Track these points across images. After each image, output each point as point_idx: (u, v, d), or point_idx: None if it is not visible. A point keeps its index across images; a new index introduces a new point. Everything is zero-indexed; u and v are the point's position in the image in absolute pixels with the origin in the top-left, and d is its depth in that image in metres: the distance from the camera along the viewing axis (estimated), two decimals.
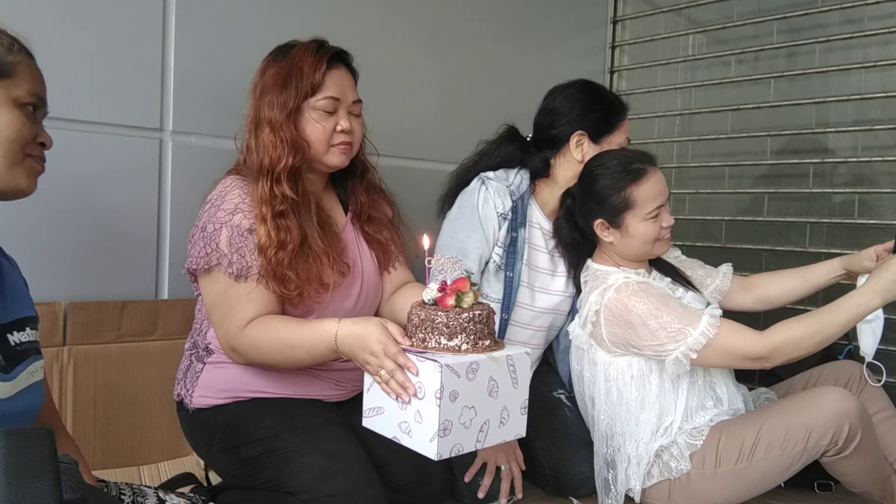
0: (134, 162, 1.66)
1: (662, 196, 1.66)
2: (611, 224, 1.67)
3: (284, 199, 1.40)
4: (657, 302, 1.58)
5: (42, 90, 1.05)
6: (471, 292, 1.27)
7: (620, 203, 1.64)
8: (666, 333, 1.55)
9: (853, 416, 1.50)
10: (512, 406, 1.29)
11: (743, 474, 1.57)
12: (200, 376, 1.48)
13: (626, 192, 1.64)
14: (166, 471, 1.66)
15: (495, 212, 1.74)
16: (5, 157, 0.99)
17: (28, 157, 1.02)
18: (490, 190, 1.75)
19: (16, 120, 1.00)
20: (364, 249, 1.57)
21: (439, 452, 1.19)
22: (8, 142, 0.99)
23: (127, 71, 1.64)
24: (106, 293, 1.63)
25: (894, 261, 1.50)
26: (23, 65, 1.02)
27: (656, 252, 1.71)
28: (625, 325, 1.60)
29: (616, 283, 1.64)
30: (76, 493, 0.74)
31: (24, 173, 1.02)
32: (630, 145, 1.84)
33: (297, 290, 1.39)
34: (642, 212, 1.64)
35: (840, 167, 2.32)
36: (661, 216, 1.66)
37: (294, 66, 1.44)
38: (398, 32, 2.12)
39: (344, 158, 1.50)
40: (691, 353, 1.53)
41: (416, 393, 1.21)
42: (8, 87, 0.99)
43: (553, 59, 2.55)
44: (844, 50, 2.25)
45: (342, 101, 1.47)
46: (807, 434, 1.51)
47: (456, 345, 1.23)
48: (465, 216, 1.74)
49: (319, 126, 1.45)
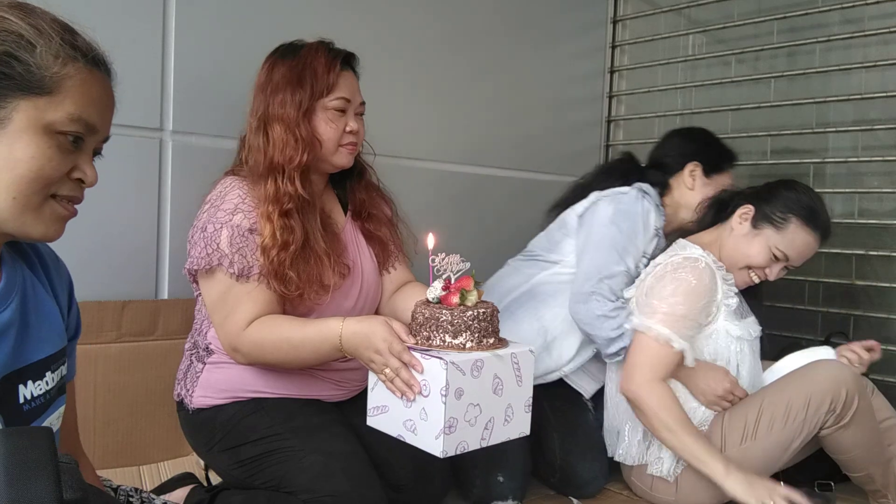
0: (134, 162, 1.66)
1: (794, 254, 1.69)
2: (756, 223, 1.71)
3: (291, 197, 1.40)
4: (696, 293, 1.62)
5: (96, 117, 0.83)
6: (475, 290, 1.27)
7: (777, 217, 1.69)
8: (660, 307, 1.62)
9: (849, 382, 1.55)
10: (516, 404, 1.29)
11: (748, 454, 1.60)
12: (200, 376, 1.48)
13: (790, 224, 1.68)
14: (166, 471, 1.66)
15: (653, 225, 1.85)
16: (17, 199, 0.77)
17: (52, 198, 0.80)
18: (649, 203, 1.86)
19: (39, 153, 0.77)
20: (364, 249, 1.57)
21: (445, 450, 1.19)
22: (23, 180, 0.77)
23: (127, 71, 1.62)
24: (106, 293, 1.63)
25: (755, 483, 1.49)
26: (73, 80, 0.79)
27: (738, 281, 1.74)
28: (658, 278, 1.66)
29: (692, 254, 1.68)
30: (76, 493, 0.74)
31: (42, 220, 0.80)
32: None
33: (298, 292, 1.39)
34: (772, 243, 1.68)
35: (840, 167, 2.32)
36: (772, 266, 1.70)
37: (307, 65, 1.45)
38: (397, 31, 2.12)
39: (350, 158, 1.52)
40: (635, 326, 1.66)
41: (421, 391, 1.21)
42: (42, 107, 0.77)
43: (553, 59, 2.55)
44: (844, 50, 2.25)
45: (352, 102, 1.49)
46: (806, 402, 1.56)
47: (461, 343, 1.23)
48: (631, 219, 1.82)
49: (332, 126, 1.46)
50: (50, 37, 0.78)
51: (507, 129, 2.43)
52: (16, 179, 0.77)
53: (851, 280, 2.22)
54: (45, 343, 0.87)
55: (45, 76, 0.77)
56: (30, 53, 0.77)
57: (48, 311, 0.89)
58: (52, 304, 0.91)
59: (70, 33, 0.81)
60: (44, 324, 0.87)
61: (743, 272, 1.73)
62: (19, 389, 0.82)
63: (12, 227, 0.79)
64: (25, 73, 0.77)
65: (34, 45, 0.77)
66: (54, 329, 0.90)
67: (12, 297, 0.83)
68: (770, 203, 1.72)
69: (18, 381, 0.82)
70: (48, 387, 0.86)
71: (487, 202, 2.38)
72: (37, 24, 0.78)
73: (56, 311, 0.91)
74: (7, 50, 0.76)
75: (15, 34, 0.77)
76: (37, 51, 0.77)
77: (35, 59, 0.77)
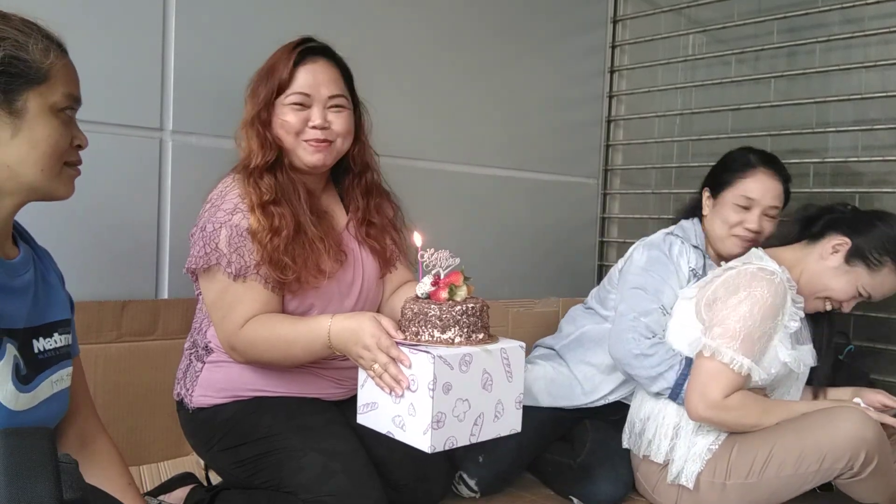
0: (134, 162, 1.66)
1: (879, 294, 1.65)
2: (849, 258, 1.64)
3: (270, 189, 1.41)
4: (773, 309, 1.56)
5: (77, 89, 0.99)
6: (464, 286, 1.27)
7: (873, 258, 1.62)
8: (727, 322, 1.57)
9: (871, 443, 1.46)
10: (507, 400, 1.29)
11: (753, 489, 1.56)
12: (200, 376, 1.48)
13: (885, 267, 1.62)
14: (166, 471, 1.66)
15: (687, 266, 1.85)
16: (44, 171, 0.95)
17: (66, 166, 0.99)
18: (681, 245, 1.87)
19: (53, 130, 0.95)
20: (365, 249, 1.57)
21: (433, 445, 1.19)
22: (46, 156, 0.95)
23: (127, 70, 1.64)
24: (106, 293, 1.63)
25: None
26: (57, 66, 0.95)
27: (810, 306, 1.67)
28: (731, 290, 1.60)
29: (768, 266, 1.62)
30: (76, 493, 0.74)
31: (62, 183, 0.99)
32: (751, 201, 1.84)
33: (295, 275, 1.39)
34: (861, 283, 1.63)
35: (840, 167, 2.32)
36: (850, 301, 1.65)
37: (272, 64, 1.45)
38: (399, 31, 2.12)
39: (320, 157, 1.46)
40: (698, 348, 1.59)
41: (409, 386, 1.21)
42: (44, 93, 0.94)
43: (553, 59, 2.55)
44: (845, 49, 2.25)
45: (313, 96, 1.44)
46: (821, 457, 1.49)
47: (449, 338, 1.23)
48: (661, 264, 1.84)
49: (287, 121, 1.44)
50: (30, 35, 0.94)
51: (507, 129, 2.43)
52: (41, 155, 0.94)
53: None
54: (53, 308, 1.03)
55: (41, 68, 0.93)
56: (25, 52, 0.92)
57: (53, 283, 1.06)
58: (55, 278, 1.07)
59: (39, 28, 0.96)
60: (51, 292, 1.04)
61: (819, 301, 1.67)
62: (34, 343, 0.97)
63: (43, 193, 0.98)
64: (27, 69, 0.92)
65: (26, 45, 0.93)
66: (59, 298, 1.06)
67: (30, 264, 1.01)
68: (867, 239, 1.63)
69: (33, 337, 0.98)
70: (56, 345, 1.01)
71: (487, 202, 2.38)
72: (17, 27, 0.94)
73: (59, 284, 1.08)
74: (9, 54, 0.91)
75: (10, 39, 0.92)
76: (29, 49, 0.93)
77: (30, 55, 0.93)
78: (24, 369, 0.94)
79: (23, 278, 0.98)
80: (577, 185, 2.68)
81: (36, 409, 0.95)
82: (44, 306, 1.01)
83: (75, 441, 1.11)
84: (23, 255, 1.00)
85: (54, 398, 1.00)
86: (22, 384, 0.93)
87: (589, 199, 2.74)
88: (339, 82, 1.48)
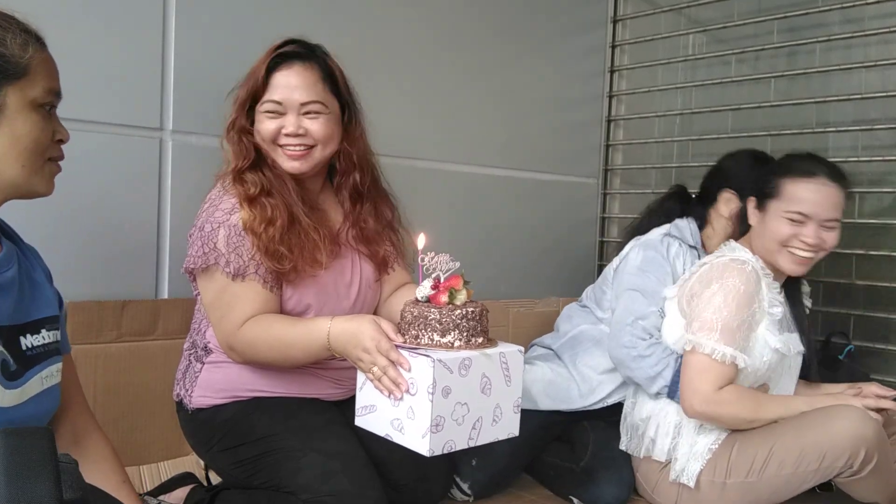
0: (134, 162, 1.66)
1: (810, 207, 1.60)
2: (758, 206, 1.69)
3: (254, 183, 1.42)
4: (748, 297, 1.58)
5: (57, 83, 0.98)
6: (464, 290, 1.27)
7: (773, 192, 1.65)
8: (704, 315, 1.59)
9: (870, 441, 1.46)
10: (505, 404, 1.29)
11: (753, 488, 1.56)
12: (199, 376, 1.48)
13: (784, 186, 1.63)
14: (166, 471, 1.66)
15: (683, 269, 1.84)
16: (25, 167, 0.94)
17: (48, 161, 0.97)
18: (678, 246, 1.87)
19: (34, 126, 0.93)
20: (362, 251, 1.56)
21: (431, 448, 1.19)
22: (28, 151, 0.93)
23: (127, 70, 1.64)
24: (106, 293, 1.63)
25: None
26: (36, 60, 0.93)
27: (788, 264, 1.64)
28: (705, 283, 1.62)
29: (740, 256, 1.64)
30: (76, 493, 0.74)
31: (43, 179, 0.97)
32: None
33: (292, 265, 1.39)
34: (781, 211, 1.62)
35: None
36: (801, 229, 1.61)
37: (251, 70, 1.45)
38: (399, 31, 2.12)
39: (297, 164, 1.44)
40: (685, 346, 1.61)
41: (408, 389, 1.21)
42: (24, 87, 0.92)
43: (553, 59, 2.55)
44: (845, 49, 2.25)
45: (285, 103, 1.41)
46: (821, 456, 1.49)
47: (449, 341, 1.23)
48: (658, 265, 1.83)
49: (262, 129, 1.44)
50: (8, 29, 0.92)
51: (507, 129, 2.42)
52: (22, 151, 0.93)
53: (851, 280, 2.22)
54: (39, 305, 1.01)
55: (20, 63, 0.91)
56: (3, 47, 0.90)
57: (39, 281, 1.05)
58: (41, 275, 1.06)
59: (17, 21, 0.94)
60: (36, 290, 1.03)
61: (784, 254, 1.63)
62: (20, 339, 0.96)
63: (24, 190, 0.96)
64: (5, 64, 0.90)
65: (3, 39, 0.91)
66: (45, 295, 1.04)
67: (13, 261, 0.99)
68: (757, 184, 1.69)
69: (20, 334, 0.96)
70: (45, 341, 1.00)
71: (487, 202, 2.38)
72: None
73: (46, 282, 1.06)
74: None
75: None
76: (7, 43, 0.91)
77: (8, 50, 0.91)
78: (14, 365, 0.94)
79: (5, 276, 0.97)
80: (577, 184, 2.68)
81: (25, 404, 0.95)
82: (29, 303, 1.00)
83: (68, 437, 1.11)
84: (5, 253, 0.99)
85: (45, 394, 0.99)
86: (9, 380, 0.93)
87: (589, 198, 2.73)
88: (317, 86, 1.43)
